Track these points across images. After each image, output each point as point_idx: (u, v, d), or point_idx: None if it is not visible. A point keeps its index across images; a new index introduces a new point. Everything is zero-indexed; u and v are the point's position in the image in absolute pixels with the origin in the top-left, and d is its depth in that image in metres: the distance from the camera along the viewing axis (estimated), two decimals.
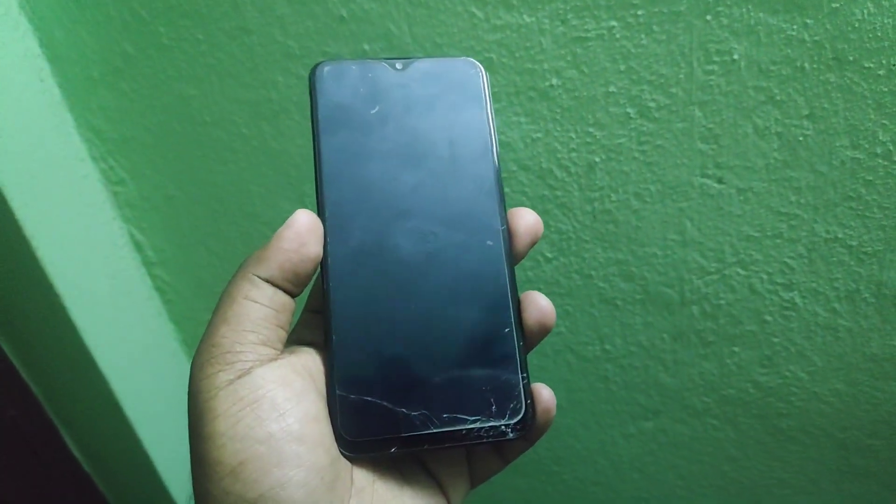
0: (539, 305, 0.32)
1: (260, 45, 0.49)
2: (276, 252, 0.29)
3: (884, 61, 0.45)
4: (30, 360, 0.59)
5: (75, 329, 0.55)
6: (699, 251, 0.54)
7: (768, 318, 0.56)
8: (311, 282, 0.32)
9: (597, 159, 0.52)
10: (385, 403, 0.30)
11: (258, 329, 0.28)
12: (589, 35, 0.47)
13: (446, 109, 0.33)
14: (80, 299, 0.55)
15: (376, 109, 0.33)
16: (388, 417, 0.30)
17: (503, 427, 0.30)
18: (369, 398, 0.30)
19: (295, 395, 0.28)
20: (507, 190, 0.53)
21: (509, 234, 0.33)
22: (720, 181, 0.51)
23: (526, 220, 0.33)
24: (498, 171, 0.33)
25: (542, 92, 0.50)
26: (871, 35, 0.44)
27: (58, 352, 0.58)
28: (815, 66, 0.46)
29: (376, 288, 0.31)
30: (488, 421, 0.30)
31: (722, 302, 0.56)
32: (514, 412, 0.31)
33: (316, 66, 0.33)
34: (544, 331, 0.32)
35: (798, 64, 0.46)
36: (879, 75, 0.45)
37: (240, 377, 0.27)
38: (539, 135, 0.51)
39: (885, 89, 0.46)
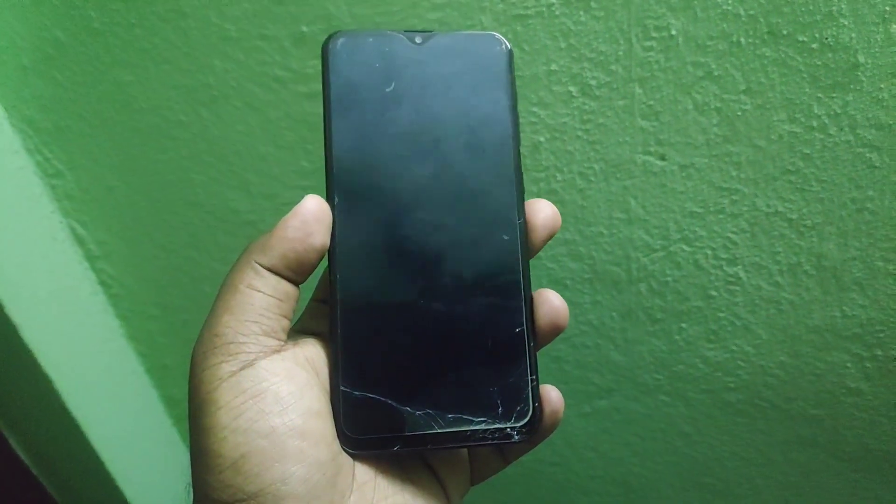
0: (553, 305, 0.31)
1: (196, 28, 0.48)
2: (280, 241, 0.28)
3: (817, 35, 0.46)
4: None
5: (14, 327, 0.53)
6: (644, 229, 0.55)
7: (714, 293, 0.57)
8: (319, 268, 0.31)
9: (541, 139, 0.52)
10: (389, 401, 0.29)
11: (261, 319, 0.28)
12: (528, 12, 0.47)
13: (467, 90, 0.31)
14: (17, 297, 0.53)
15: (392, 87, 0.31)
16: (392, 415, 0.29)
17: (508, 429, 0.30)
18: (373, 395, 0.29)
19: (298, 389, 0.27)
20: None
21: (526, 228, 0.31)
22: (662, 158, 0.51)
23: (544, 213, 0.31)
24: (518, 160, 0.31)
25: None
26: (803, 9, 0.45)
27: None
28: (750, 40, 0.46)
29: (385, 280, 0.30)
30: (494, 423, 0.30)
31: (668, 279, 0.57)
32: (521, 414, 0.30)
33: (330, 37, 0.31)
34: (556, 331, 0.31)
35: (734, 38, 0.46)
36: (813, 49, 0.46)
37: (243, 369, 0.27)
38: None
39: (819, 63, 0.46)
